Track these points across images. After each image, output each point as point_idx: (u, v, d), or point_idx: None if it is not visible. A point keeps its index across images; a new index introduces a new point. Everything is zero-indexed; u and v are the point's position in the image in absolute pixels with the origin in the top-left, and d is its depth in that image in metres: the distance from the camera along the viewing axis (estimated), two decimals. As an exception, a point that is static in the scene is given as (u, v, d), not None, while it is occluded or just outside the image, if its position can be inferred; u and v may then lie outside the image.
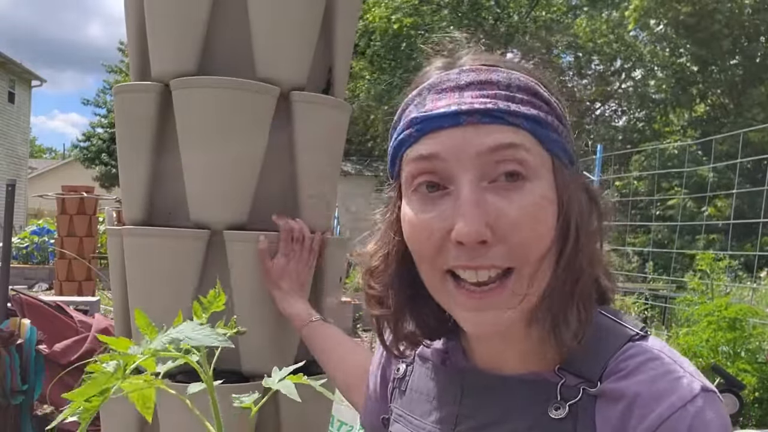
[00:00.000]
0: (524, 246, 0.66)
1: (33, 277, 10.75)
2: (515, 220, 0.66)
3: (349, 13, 1.56)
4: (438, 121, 0.68)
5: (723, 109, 17.61)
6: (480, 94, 0.68)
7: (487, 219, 0.65)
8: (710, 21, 15.26)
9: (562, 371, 0.70)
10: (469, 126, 0.67)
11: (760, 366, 3.85)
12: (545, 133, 0.69)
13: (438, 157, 0.68)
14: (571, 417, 0.68)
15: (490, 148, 0.66)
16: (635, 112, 19.21)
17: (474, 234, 0.64)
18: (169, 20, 1.43)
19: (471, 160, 0.67)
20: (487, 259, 0.66)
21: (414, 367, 0.87)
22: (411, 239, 0.71)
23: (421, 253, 0.71)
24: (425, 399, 0.82)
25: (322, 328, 1.25)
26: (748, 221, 7.36)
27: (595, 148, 7.18)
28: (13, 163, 24.45)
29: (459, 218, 0.65)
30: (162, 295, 1.40)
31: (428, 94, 0.71)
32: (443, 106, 0.69)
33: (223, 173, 1.39)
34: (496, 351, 0.76)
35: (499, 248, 0.66)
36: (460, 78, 0.70)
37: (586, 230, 0.70)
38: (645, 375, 0.66)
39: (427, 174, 0.69)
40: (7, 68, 23.21)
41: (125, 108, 1.48)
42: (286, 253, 1.36)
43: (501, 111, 0.67)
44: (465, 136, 0.67)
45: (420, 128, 0.70)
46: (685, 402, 0.64)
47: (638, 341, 0.70)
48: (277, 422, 1.45)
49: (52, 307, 3.99)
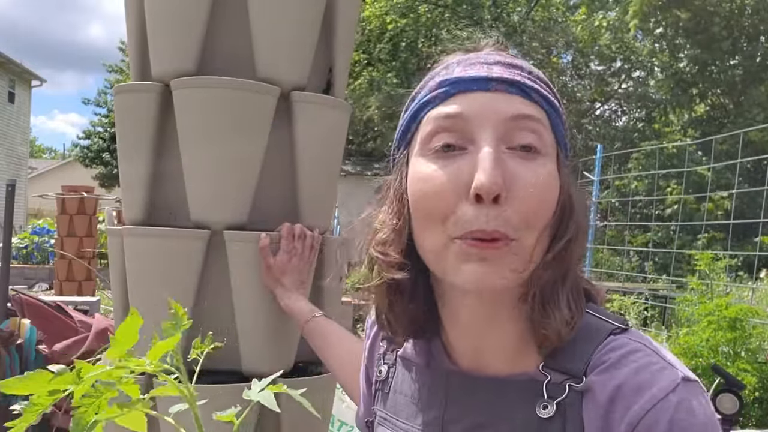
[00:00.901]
0: (533, 212, 0.67)
1: (33, 277, 10.75)
2: (530, 184, 0.67)
3: (349, 13, 1.56)
4: (468, 83, 0.71)
5: (723, 110, 17.61)
6: (507, 70, 0.72)
7: (504, 176, 0.66)
8: (709, 23, 15.27)
9: (546, 369, 0.70)
10: (496, 92, 0.70)
11: (760, 366, 3.85)
12: (556, 120, 0.73)
13: (462, 116, 0.70)
14: (560, 415, 0.68)
15: (514, 116, 0.69)
16: (635, 112, 19.22)
17: (493, 186, 0.65)
18: (169, 20, 1.43)
19: (494, 123, 0.69)
20: (499, 222, 0.66)
21: (396, 368, 0.86)
22: (421, 197, 0.70)
23: (430, 214, 0.69)
24: (410, 401, 0.81)
25: (325, 324, 1.26)
26: (748, 221, 7.36)
27: (595, 148, 7.18)
28: (13, 163, 24.45)
29: (480, 170, 0.66)
30: (162, 295, 1.40)
31: (456, 66, 0.74)
32: (473, 72, 0.72)
33: (223, 173, 1.39)
34: (478, 346, 0.75)
35: (509, 211, 0.66)
36: (489, 57, 0.74)
37: (581, 218, 0.72)
38: (626, 367, 0.66)
39: (447, 133, 0.70)
40: (7, 68, 23.20)
41: (125, 108, 1.48)
42: (287, 251, 1.37)
43: (526, 86, 0.71)
44: (492, 100, 0.70)
45: (448, 90, 0.72)
46: (666, 393, 0.64)
47: (619, 334, 0.71)
48: (277, 422, 1.45)
49: (52, 307, 3.99)
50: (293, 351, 1.49)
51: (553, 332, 0.69)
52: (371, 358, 0.93)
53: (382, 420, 0.85)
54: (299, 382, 1.48)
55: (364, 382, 0.97)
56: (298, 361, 1.51)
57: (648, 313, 6.64)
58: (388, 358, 0.88)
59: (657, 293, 7.51)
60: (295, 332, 1.43)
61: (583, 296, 0.73)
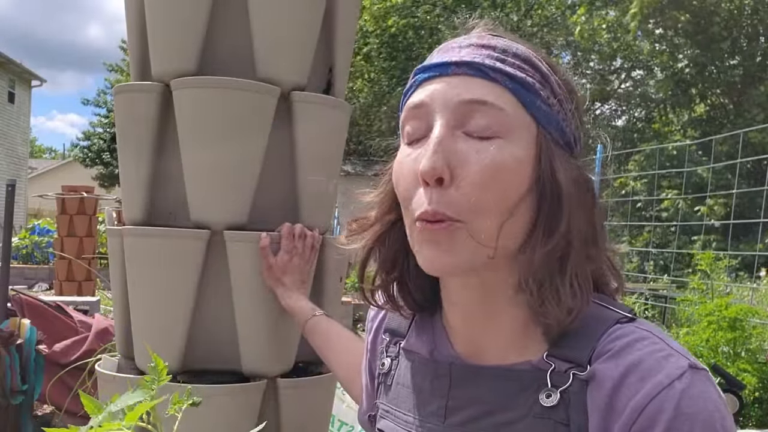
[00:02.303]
0: (477, 197, 0.67)
1: (33, 277, 10.74)
2: (475, 170, 0.67)
3: (349, 13, 1.56)
4: (431, 70, 0.73)
5: (723, 110, 17.60)
6: (474, 52, 0.72)
7: (449, 160, 0.67)
8: (709, 23, 15.26)
9: (550, 357, 0.70)
10: (455, 77, 0.71)
11: (760, 366, 3.84)
12: (529, 97, 0.70)
13: (423, 104, 0.72)
14: (563, 403, 0.67)
15: (466, 101, 0.69)
16: (635, 112, 19.21)
17: (431, 170, 0.66)
18: (169, 20, 1.43)
19: (448, 107, 0.70)
20: (441, 204, 0.67)
21: (399, 360, 0.86)
22: (396, 185, 0.74)
23: (401, 197, 0.73)
24: (413, 393, 0.81)
25: (326, 322, 1.26)
26: (748, 221, 7.36)
27: (595, 148, 7.18)
28: (13, 163, 24.44)
29: (424, 156, 0.68)
30: (162, 295, 1.40)
31: (436, 53, 0.76)
32: (442, 57, 0.73)
33: (223, 173, 1.40)
34: (481, 336, 0.75)
35: (455, 194, 0.67)
36: (463, 41, 0.75)
37: (574, 202, 0.70)
38: (632, 355, 0.66)
39: (414, 121, 0.73)
40: (7, 68, 23.18)
41: (126, 108, 1.48)
42: (288, 250, 1.37)
43: (486, 66, 0.70)
44: (449, 84, 0.71)
45: (417, 78, 0.75)
46: (672, 380, 0.63)
47: (626, 323, 0.70)
48: (277, 422, 1.45)
49: (52, 307, 3.99)
50: (293, 351, 1.49)
51: (554, 320, 0.68)
52: (374, 351, 0.93)
53: (385, 412, 0.85)
54: (299, 382, 1.48)
55: (366, 376, 0.97)
56: (298, 361, 1.51)
57: (648, 313, 6.65)
58: (391, 351, 0.88)
59: (657, 293, 7.52)
60: (295, 332, 1.43)
61: (590, 284, 0.71)
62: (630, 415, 0.63)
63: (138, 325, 1.43)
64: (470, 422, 0.73)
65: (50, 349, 3.66)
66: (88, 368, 3.40)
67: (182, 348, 1.39)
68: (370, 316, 0.96)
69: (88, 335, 3.86)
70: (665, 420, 0.62)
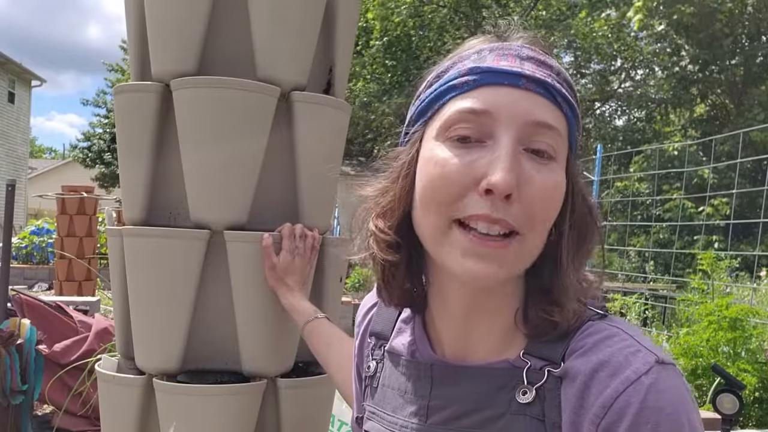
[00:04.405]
0: (537, 215, 0.69)
1: (33, 277, 10.74)
2: (539, 189, 0.68)
3: (349, 13, 1.56)
4: (499, 76, 0.71)
5: (723, 109, 17.59)
6: (538, 69, 0.72)
7: (519, 177, 0.68)
8: (711, 20, 15.24)
9: (526, 356, 0.72)
10: (525, 91, 0.70)
11: (760, 366, 3.84)
12: (573, 125, 0.74)
13: (488, 112, 0.70)
14: (539, 399, 0.70)
15: (537, 122, 0.69)
16: (635, 112, 19.20)
17: (507, 186, 0.66)
18: (169, 20, 1.43)
19: (518, 124, 0.69)
20: (507, 215, 0.67)
21: (384, 363, 0.88)
22: (432, 182, 0.71)
23: (436, 197, 0.70)
24: (397, 394, 0.83)
25: (327, 326, 1.27)
26: (748, 221, 7.35)
27: (595, 148, 7.17)
28: (13, 163, 24.44)
29: (496, 167, 0.67)
30: (162, 295, 1.40)
31: (489, 53, 0.73)
32: (506, 65, 0.71)
33: (223, 173, 1.39)
34: (466, 335, 0.77)
35: (517, 208, 0.68)
36: (522, 51, 0.73)
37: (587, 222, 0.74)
38: (602, 352, 0.68)
39: (469, 124, 0.71)
40: (7, 68, 23.19)
41: (125, 108, 1.48)
42: (290, 250, 1.37)
43: (555, 89, 0.71)
44: (520, 98, 0.70)
45: (479, 78, 0.71)
46: (639, 375, 0.65)
47: (597, 320, 0.73)
48: (277, 422, 1.45)
49: (52, 307, 3.99)
50: (293, 351, 1.49)
51: (564, 320, 0.71)
52: (361, 355, 0.95)
53: (371, 414, 0.87)
54: (299, 382, 1.48)
55: (356, 379, 0.98)
56: (298, 361, 1.51)
57: (648, 313, 6.65)
58: (376, 354, 0.89)
59: (657, 293, 7.52)
60: (295, 332, 1.43)
61: (587, 288, 0.75)
62: (598, 411, 0.65)
63: (138, 325, 1.43)
64: (451, 421, 0.75)
65: (50, 349, 3.66)
66: (88, 368, 3.40)
67: (182, 348, 1.39)
68: (357, 321, 0.97)
69: (88, 335, 3.87)
70: (632, 414, 0.64)
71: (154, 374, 1.40)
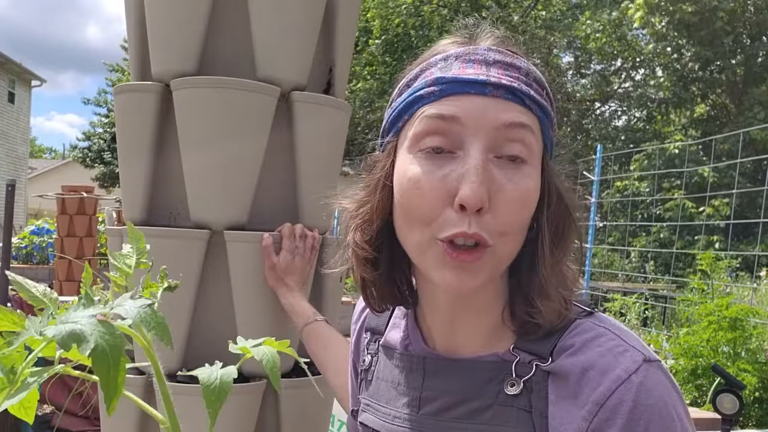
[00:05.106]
0: (510, 224, 0.70)
1: (33, 277, 10.69)
2: (510, 198, 0.69)
3: (349, 13, 1.56)
4: (465, 86, 0.71)
5: (724, 109, 17.59)
6: (505, 73, 0.72)
7: (489, 189, 0.68)
8: (712, 18, 15.23)
9: (516, 350, 0.75)
10: (492, 98, 0.70)
11: (760, 366, 3.84)
12: (546, 125, 0.74)
13: (456, 119, 0.70)
14: (526, 392, 0.72)
15: (506, 124, 0.70)
16: (635, 112, 19.19)
17: (478, 200, 0.67)
18: (169, 20, 1.43)
19: (486, 130, 0.70)
20: (481, 228, 0.69)
21: (379, 357, 0.90)
22: (410, 200, 0.72)
23: (415, 216, 0.72)
24: (391, 386, 0.85)
25: (326, 328, 1.27)
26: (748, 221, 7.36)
27: (595, 148, 7.18)
28: (13, 163, 24.45)
29: (466, 183, 0.68)
30: (162, 295, 1.40)
31: (455, 61, 0.74)
32: (472, 74, 0.71)
33: (223, 173, 1.39)
34: (454, 330, 0.79)
35: (489, 218, 0.69)
36: (488, 55, 0.73)
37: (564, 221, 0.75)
38: (592, 351, 0.70)
39: (438, 135, 0.71)
40: (7, 68, 23.20)
41: (126, 108, 1.48)
42: (290, 250, 1.38)
43: (522, 92, 0.71)
44: (487, 105, 0.70)
45: (445, 88, 0.72)
46: (629, 374, 0.68)
47: (584, 318, 0.75)
48: (277, 422, 1.45)
49: (52, 307, 3.98)
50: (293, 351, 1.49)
51: (546, 322, 0.73)
52: (357, 350, 0.98)
53: (366, 406, 0.89)
54: (299, 382, 1.48)
55: (352, 375, 1.00)
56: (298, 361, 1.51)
57: (648, 313, 6.65)
58: (371, 348, 0.92)
59: (657, 293, 7.52)
60: (294, 332, 1.43)
61: (570, 287, 0.76)
62: (592, 408, 0.68)
63: (138, 325, 1.43)
64: (442, 411, 0.77)
65: (50, 349, 3.65)
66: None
67: (182, 348, 1.39)
68: (354, 318, 1.00)
69: (89, 335, 3.86)
70: (625, 412, 0.67)
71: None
